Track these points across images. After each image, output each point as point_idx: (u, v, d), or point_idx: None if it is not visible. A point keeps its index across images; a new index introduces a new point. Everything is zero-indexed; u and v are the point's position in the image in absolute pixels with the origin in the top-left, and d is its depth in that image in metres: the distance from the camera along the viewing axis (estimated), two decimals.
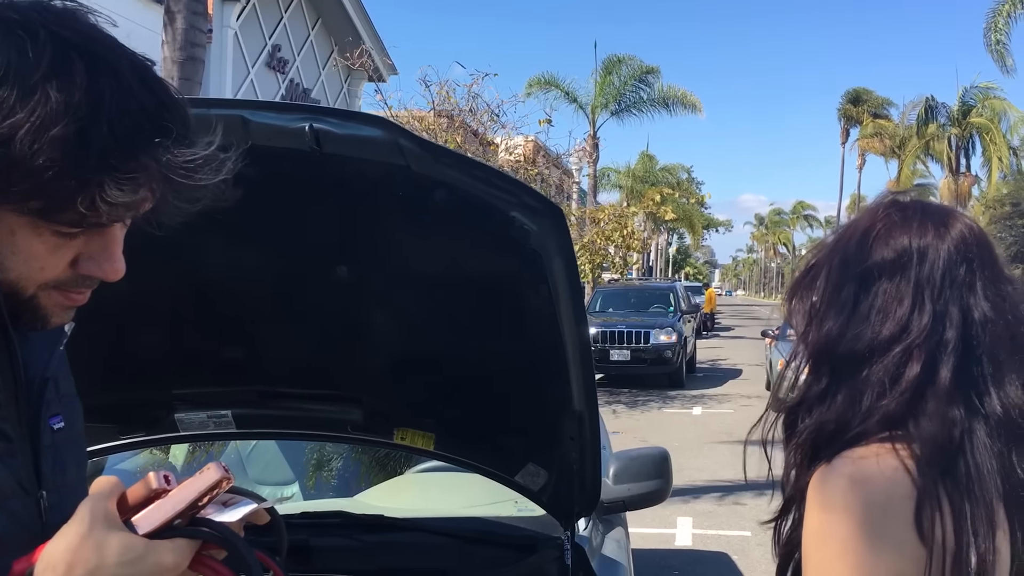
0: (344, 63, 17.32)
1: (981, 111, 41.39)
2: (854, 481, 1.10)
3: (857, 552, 1.08)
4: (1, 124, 0.85)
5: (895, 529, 1.09)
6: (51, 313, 0.99)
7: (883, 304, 1.18)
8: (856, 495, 1.09)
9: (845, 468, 1.12)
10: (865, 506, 1.09)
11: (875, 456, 1.12)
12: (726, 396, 15.46)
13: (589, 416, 2.07)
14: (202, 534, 0.94)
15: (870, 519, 1.09)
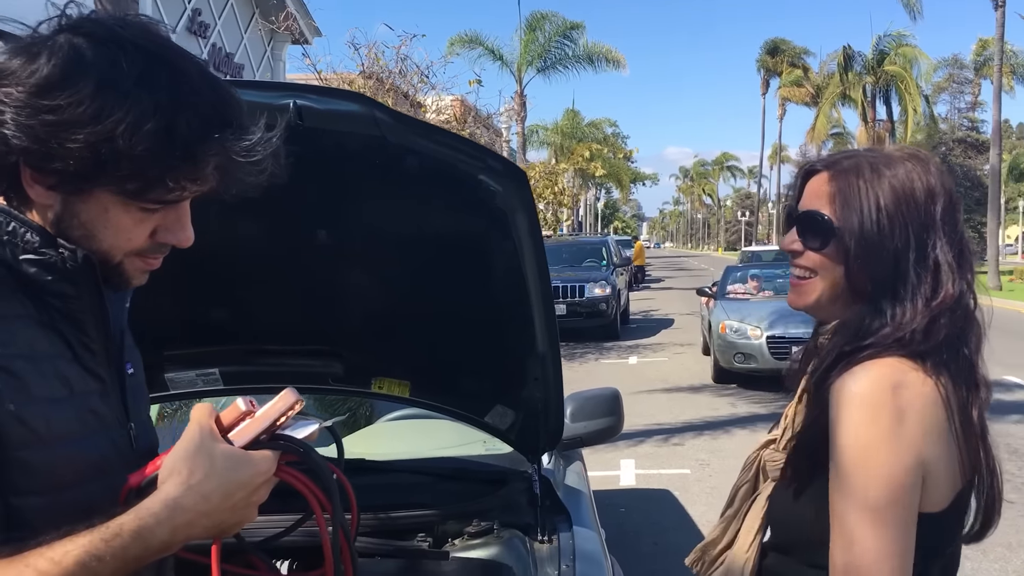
0: (268, 26, 17.09)
1: (895, 59, 42.47)
2: (896, 385, 1.32)
3: (894, 444, 1.30)
4: (105, 122, 1.03)
5: (935, 434, 1.33)
6: (133, 276, 1.18)
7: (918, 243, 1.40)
8: (900, 397, 1.32)
9: (886, 372, 1.33)
10: (911, 408, 1.32)
11: (907, 367, 1.35)
12: (660, 345, 15.93)
13: (552, 357, 2.28)
14: (283, 447, 1.15)
15: (914, 419, 1.31)
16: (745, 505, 1.58)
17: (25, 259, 1.11)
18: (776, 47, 59.67)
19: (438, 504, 2.45)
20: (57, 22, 1.10)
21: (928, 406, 1.34)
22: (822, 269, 1.46)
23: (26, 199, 1.12)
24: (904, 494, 1.32)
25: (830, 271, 1.45)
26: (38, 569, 0.98)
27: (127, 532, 1.04)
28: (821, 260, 1.46)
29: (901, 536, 1.31)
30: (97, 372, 1.18)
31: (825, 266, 1.46)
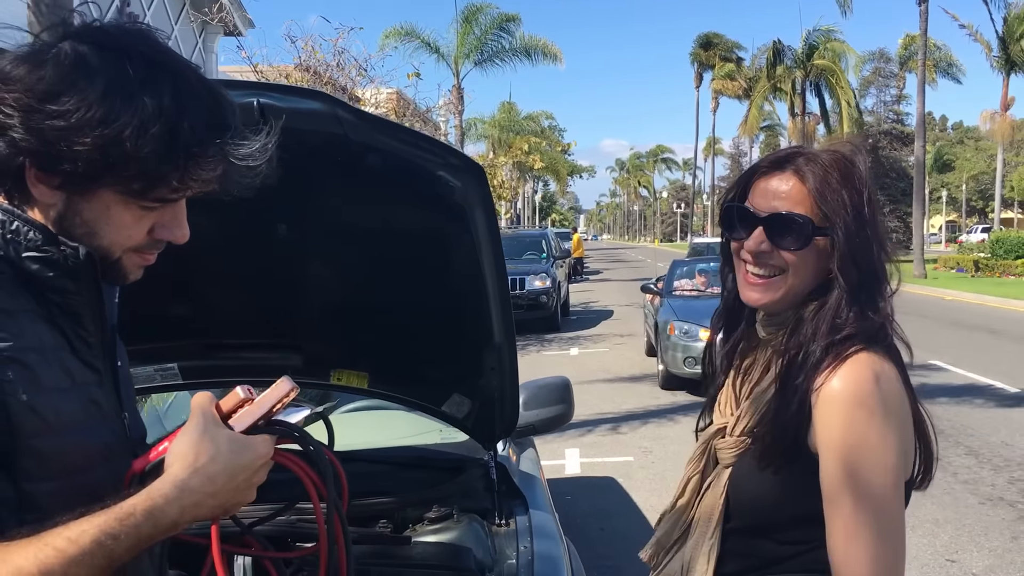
0: (200, 17, 16.79)
1: (824, 53, 43.43)
2: (877, 378, 1.45)
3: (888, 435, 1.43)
4: (113, 126, 1.08)
5: (904, 412, 1.48)
6: (130, 271, 1.23)
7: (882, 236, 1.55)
8: (882, 388, 1.44)
9: (868, 367, 1.46)
10: (890, 396, 1.45)
11: (877, 359, 1.47)
12: (600, 336, 16.14)
13: (508, 347, 2.36)
14: (280, 431, 1.22)
15: (894, 405, 1.45)
16: (696, 495, 1.65)
17: (28, 256, 1.16)
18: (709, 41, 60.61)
19: (398, 491, 2.51)
20: (60, 30, 1.14)
21: (899, 391, 1.48)
22: (795, 267, 1.54)
23: (29, 198, 1.16)
24: (899, 479, 1.46)
25: (802, 269, 1.54)
26: (56, 548, 1.03)
27: (140, 512, 1.09)
28: (795, 259, 1.54)
29: (900, 517, 1.46)
30: (94, 364, 1.24)
31: (798, 264, 1.54)
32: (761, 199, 1.56)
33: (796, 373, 1.50)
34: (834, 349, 1.48)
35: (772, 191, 1.55)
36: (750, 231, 1.55)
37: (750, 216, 1.56)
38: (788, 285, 1.55)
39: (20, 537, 1.04)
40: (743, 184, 1.63)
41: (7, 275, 1.15)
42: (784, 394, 1.51)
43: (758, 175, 1.60)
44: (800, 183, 1.54)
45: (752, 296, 1.58)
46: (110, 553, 1.07)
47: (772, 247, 1.54)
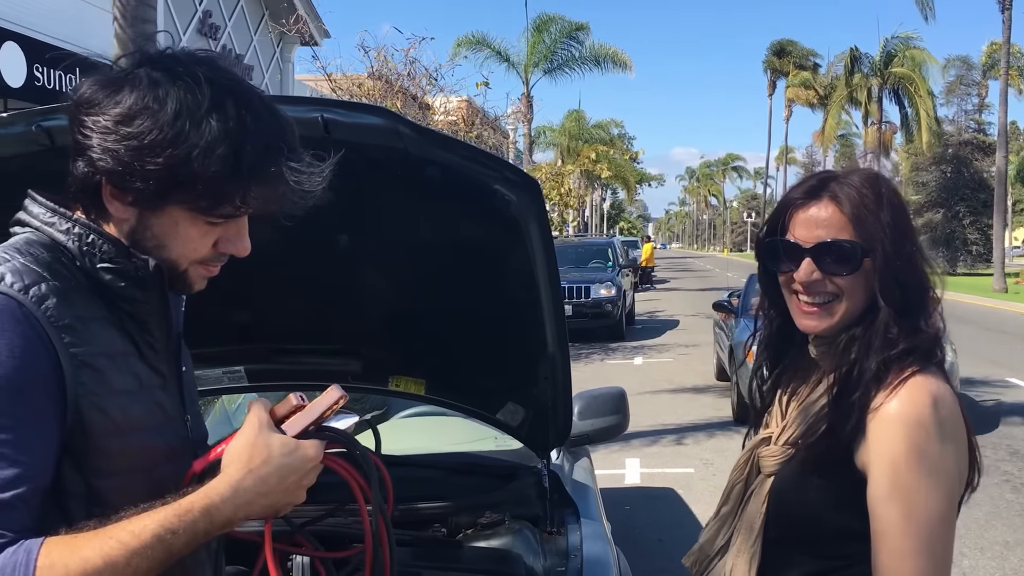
0: (278, 28, 17.24)
1: (903, 61, 42.43)
2: (934, 402, 1.46)
3: (946, 459, 1.45)
4: (182, 147, 1.16)
5: (961, 435, 1.49)
6: (195, 282, 1.32)
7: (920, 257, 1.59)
8: (940, 411, 1.46)
9: (926, 390, 1.47)
10: (948, 419, 1.47)
11: (935, 381, 1.49)
12: (665, 346, 16.03)
13: (561, 358, 2.40)
14: (329, 437, 1.29)
15: (951, 428, 1.47)
16: (739, 503, 1.67)
17: (101, 267, 1.25)
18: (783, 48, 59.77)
19: (452, 497, 2.57)
20: (136, 57, 1.24)
21: (956, 414, 1.49)
22: (848, 291, 1.56)
23: (105, 213, 1.26)
24: (953, 503, 1.47)
25: (855, 291, 1.56)
26: (120, 540, 1.11)
27: (197, 509, 1.17)
28: (847, 283, 1.56)
29: (951, 542, 1.47)
30: (159, 369, 1.33)
31: (851, 288, 1.56)
32: (803, 230, 1.58)
33: (851, 388, 1.52)
34: (893, 366, 1.50)
35: (813, 220, 1.57)
36: (798, 263, 1.58)
37: (796, 248, 1.58)
38: (843, 309, 1.57)
39: (87, 529, 1.13)
40: (779, 218, 1.64)
41: (82, 284, 1.24)
42: (838, 407, 1.52)
43: (794, 207, 1.62)
44: (838, 209, 1.57)
45: (809, 324, 1.60)
46: (169, 547, 1.14)
47: (823, 275, 1.56)
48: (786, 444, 1.60)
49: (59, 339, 1.16)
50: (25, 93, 10.09)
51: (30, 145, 1.88)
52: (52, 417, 1.15)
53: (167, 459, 1.29)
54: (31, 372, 1.13)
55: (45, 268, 1.21)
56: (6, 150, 1.90)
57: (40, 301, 1.16)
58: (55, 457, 1.16)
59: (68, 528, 1.13)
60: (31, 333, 1.14)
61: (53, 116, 1.78)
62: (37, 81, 10.38)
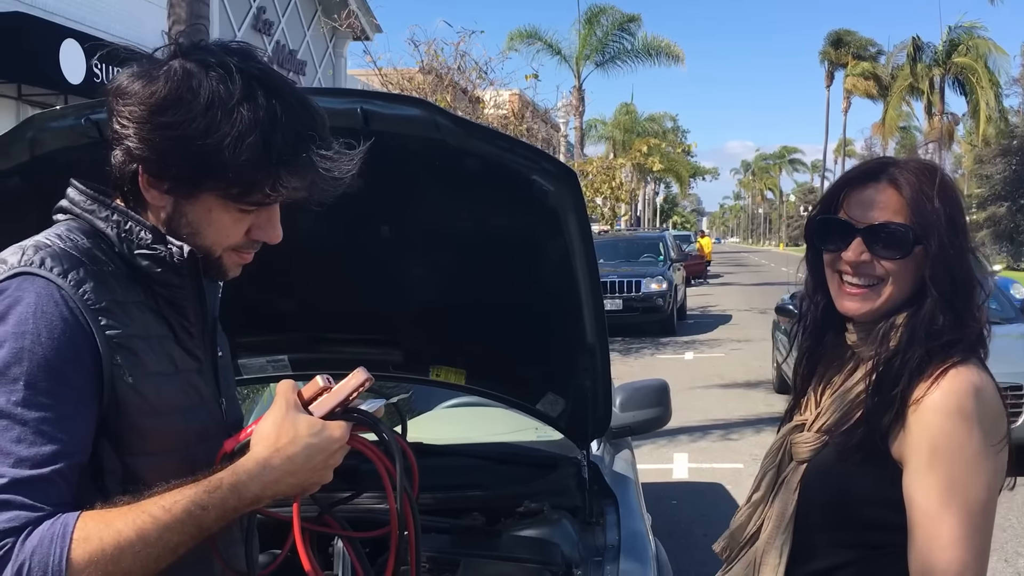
0: (330, 24, 17.43)
1: (966, 51, 41.39)
2: (977, 391, 1.45)
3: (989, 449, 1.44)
4: (214, 136, 1.20)
5: (1002, 428, 1.47)
6: (229, 269, 1.36)
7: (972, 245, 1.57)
8: (983, 402, 1.45)
9: (969, 381, 1.46)
10: (990, 410, 1.45)
11: (977, 372, 1.48)
12: (716, 341, 15.88)
13: (600, 349, 2.40)
14: (355, 418, 1.32)
15: (992, 419, 1.45)
16: (771, 490, 1.65)
17: (139, 253, 1.30)
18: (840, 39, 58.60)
19: (492, 486, 2.59)
20: (172, 49, 1.27)
21: (998, 404, 1.48)
22: (895, 276, 1.54)
23: (142, 201, 1.30)
24: (993, 495, 1.46)
25: (901, 277, 1.54)
26: (152, 515, 1.15)
27: (226, 485, 1.21)
28: (896, 268, 1.54)
29: (990, 533, 1.46)
30: (195, 353, 1.37)
31: (898, 273, 1.54)
32: (857, 209, 1.56)
33: (892, 377, 1.50)
34: (936, 356, 1.48)
35: (868, 201, 1.56)
36: (848, 242, 1.56)
37: (848, 227, 1.56)
38: (888, 294, 1.55)
39: (121, 504, 1.17)
40: (834, 196, 1.63)
41: (120, 269, 1.29)
42: (878, 396, 1.51)
43: (850, 186, 1.60)
44: (896, 192, 1.55)
45: (851, 306, 1.58)
46: (199, 522, 1.18)
47: (872, 257, 1.54)
48: (820, 432, 1.59)
49: (96, 321, 1.21)
50: (85, 89, 10.35)
51: (80, 138, 1.94)
52: (89, 396, 1.19)
53: (200, 439, 1.33)
54: (69, 353, 1.17)
55: (84, 254, 1.25)
56: (58, 142, 1.97)
57: (78, 285, 1.21)
58: (92, 435, 1.20)
59: (104, 503, 1.17)
60: (69, 316, 1.18)
61: (102, 109, 1.83)
62: (96, 78, 10.63)
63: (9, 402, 1.13)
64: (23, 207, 1.76)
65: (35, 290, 1.18)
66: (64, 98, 10.50)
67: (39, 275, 1.19)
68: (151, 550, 1.14)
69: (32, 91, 10.73)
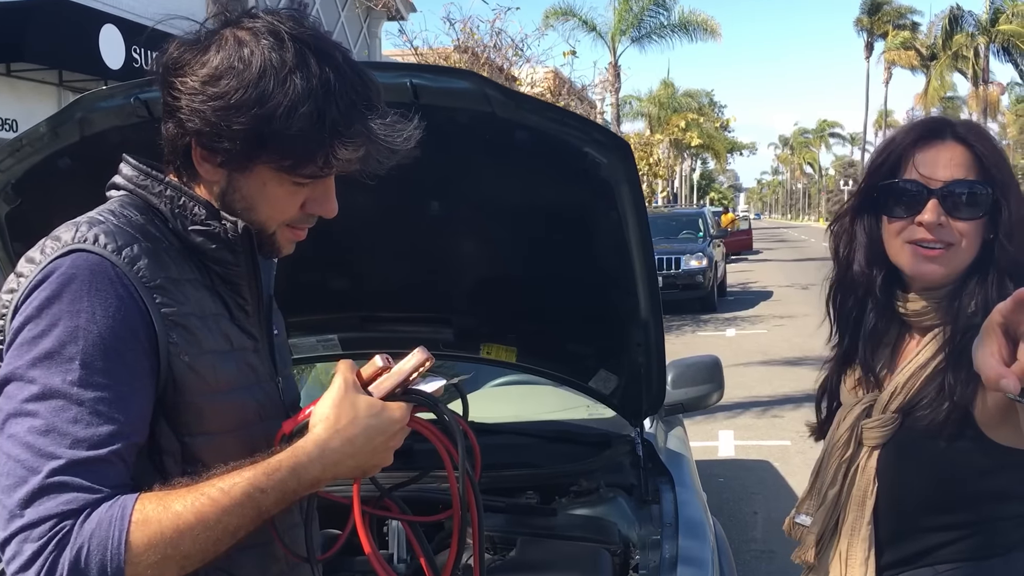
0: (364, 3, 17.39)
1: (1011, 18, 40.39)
2: None
3: None
4: (267, 105, 1.16)
5: None
6: (283, 245, 1.33)
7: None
8: None
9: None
10: None
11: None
12: (758, 317, 15.71)
13: (654, 324, 2.34)
14: (415, 399, 1.28)
15: None
16: (844, 481, 1.59)
17: (193, 230, 1.26)
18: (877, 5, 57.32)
19: (546, 464, 2.56)
20: (222, 18, 1.24)
21: None
22: (968, 238, 1.48)
23: (195, 175, 1.27)
24: None
25: (973, 239, 1.48)
26: (211, 497, 1.12)
27: (285, 467, 1.17)
28: (972, 230, 1.47)
29: None
30: (251, 331, 1.34)
31: (972, 235, 1.48)
32: (928, 169, 1.48)
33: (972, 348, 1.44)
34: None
35: (940, 160, 1.48)
36: (921, 205, 1.48)
37: (920, 189, 1.48)
38: (960, 258, 1.49)
39: (180, 486, 1.14)
40: (893, 159, 1.54)
41: (175, 246, 1.25)
42: (956, 368, 1.44)
43: (913, 147, 1.52)
44: (966, 149, 1.48)
45: (930, 268, 1.50)
46: (258, 504, 1.15)
47: (948, 219, 1.47)
48: (895, 412, 1.52)
49: (151, 299, 1.18)
50: (124, 75, 10.39)
51: (129, 117, 1.92)
52: (146, 375, 1.17)
53: (258, 419, 1.30)
54: (125, 331, 1.14)
55: (138, 230, 1.22)
56: (107, 122, 1.95)
57: (132, 262, 1.18)
58: (150, 415, 1.18)
59: (163, 485, 1.15)
60: (124, 293, 1.15)
61: (151, 88, 1.81)
62: (135, 62, 10.69)
63: (65, 382, 1.10)
64: (74, 188, 1.74)
65: (89, 267, 1.15)
66: (104, 83, 10.56)
67: (93, 252, 1.16)
68: (210, 533, 1.12)
69: (73, 77, 10.82)
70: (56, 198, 1.93)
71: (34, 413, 1.09)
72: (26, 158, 1.99)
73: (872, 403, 1.57)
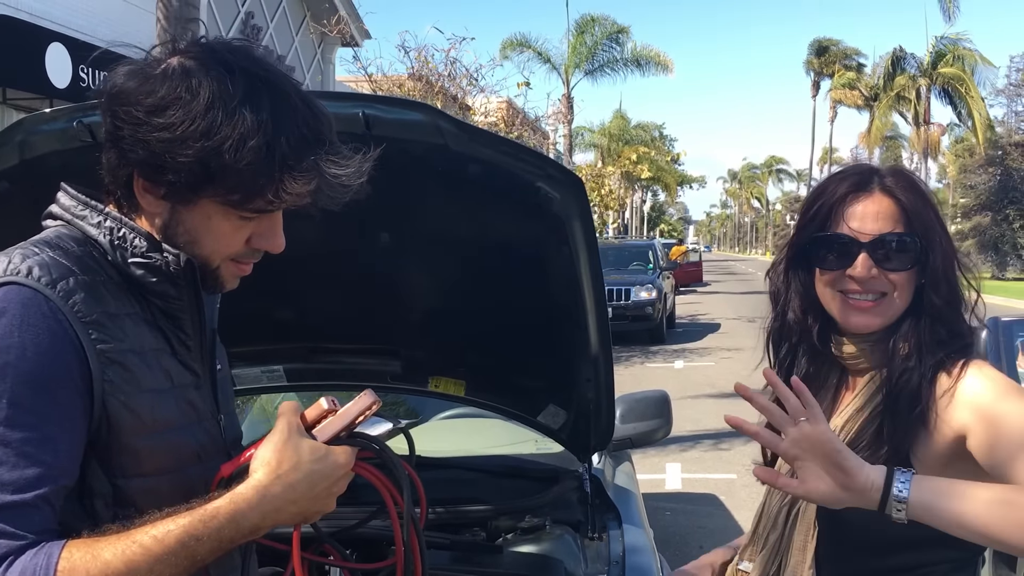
0: (318, 29, 17.34)
1: (952, 61, 41.67)
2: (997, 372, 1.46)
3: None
4: (214, 138, 1.13)
5: None
6: (227, 280, 1.29)
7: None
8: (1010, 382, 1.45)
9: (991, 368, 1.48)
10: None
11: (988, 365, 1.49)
12: (707, 349, 15.85)
13: (604, 360, 2.34)
14: (361, 443, 1.25)
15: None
16: (786, 524, 1.59)
17: (133, 262, 1.22)
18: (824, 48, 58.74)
19: (492, 500, 2.52)
20: (170, 46, 1.20)
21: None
22: (900, 288, 1.52)
23: (137, 207, 1.23)
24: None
25: (905, 288, 1.52)
26: (143, 545, 1.08)
27: (223, 515, 1.13)
28: (902, 279, 1.51)
29: None
30: (192, 367, 1.29)
31: (904, 285, 1.51)
32: (857, 223, 1.52)
33: (911, 392, 1.47)
34: (946, 364, 1.47)
35: (869, 213, 1.52)
36: (852, 258, 1.52)
37: (851, 242, 1.52)
38: (895, 307, 1.53)
39: (110, 532, 1.09)
40: (824, 211, 1.57)
41: (113, 280, 1.21)
42: (899, 412, 1.47)
43: (843, 200, 1.55)
44: (892, 202, 1.52)
45: (862, 321, 1.54)
46: (192, 553, 1.10)
47: (880, 271, 1.51)
48: None
49: (86, 335, 1.13)
50: (71, 94, 10.23)
51: (72, 141, 1.87)
52: (78, 415, 1.12)
53: (197, 459, 1.26)
54: (57, 368, 1.10)
55: (75, 262, 1.18)
56: (48, 146, 1.90)
57: (68, 296, 1.13)
58: (80, 456, 1.13)
59: (91, 530, 1.10)
60: (57, 328, 1.11)
61: (95, 112, 1.76)
62: (82, 82, 10.52)
63: None
64: (12, 213, 1.68)
65: (21, 301, 1.10)
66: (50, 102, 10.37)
67: (26, 285, 1.12)
68: None
69: (17, 95, 10.60)
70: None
71: None
72: None
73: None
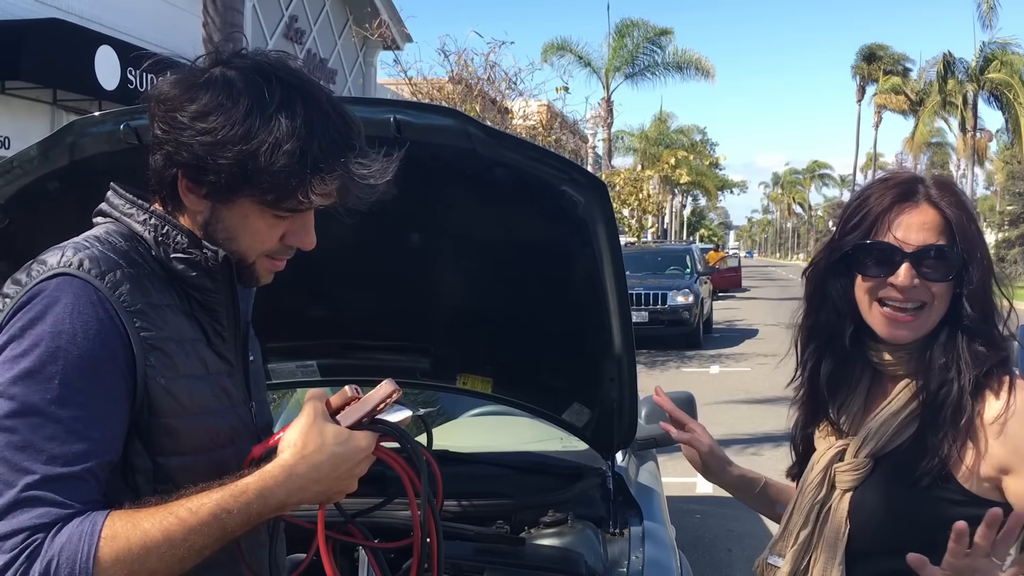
0: (360, 32, 17.56)
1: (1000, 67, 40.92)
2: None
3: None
4: (252, 142, 1.22)
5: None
6: (262, 275, 1.39)
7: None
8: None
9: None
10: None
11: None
12: (743, 355, 15.76)
13: (627, 360, 2.40)
14: (382, 429, 1.33)
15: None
16: (817, 522, 1.63)
17: (175, 257, 1.32)
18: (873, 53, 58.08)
19: (516, 495, 2.60)
20: (213, 57, 1.30)
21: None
22: (939, 299, 1.53)
23: (180, 205, 1.33)
24: None
25: (943, 300, 1.54)
26: (179, 516, 1.17)
27: (252, 491, 1.22)
28: (942, 291, 1.53)
29: None
30: (227, 356, 1.39)
31: (943, 296, 1.53)
32: (903, 232, 1.54)
33: (955, 405, 1.50)
34: (990, 380, 1.50)
35: (914, 224, 1.54)
36: (894, 267, 1.53)
37: (895, 251, 1.54)
38: (933, 318, 1.55)
39: (150, 504, 1.19)
40: (869, 220, 1.59)
41: (156, 273, 1.31)
42: (940, 423, 1.51)
43: (889, 211, 1.57)
44: (938, 214, 1.54)
45: (901, 334, 1.55)
46: (224, 525, 1.20)
47: (922, 281, 1.52)
48: (868, 457, 1.57)
49: (131, 323, 1.23)
50: (119, 96, 10.48)
51: (119, 143, 1.97)
52: (122, 396, 1.22)
53: (230, 441, 1.35)
54: (104, 353, 1.20)
55: (122, 256, 1.28)
56: (97, 148, 2.00)
57: (115, 287, 1.23)
58: (124, 434, 1.23)
59: (133, 502, 1.19)
60: (105, 316, 1.21)
61: (141, 115, 1.86)
62: (130, 84, 10.77)
63: (44, 400, 1.15)
64: (63, 210, 1.79)
65: (73, 291, 1.20)
66: (98, 104, 10.64)
67: (77, 276, 1.22)
68: (176, 551, 1.16)
69: (67, 96, 10.88)
70: (44, 220, 1.97)
71: (12, 429, 1.14)
72: (16, 180, 2.03)
73: (845, 447, 1.62)
